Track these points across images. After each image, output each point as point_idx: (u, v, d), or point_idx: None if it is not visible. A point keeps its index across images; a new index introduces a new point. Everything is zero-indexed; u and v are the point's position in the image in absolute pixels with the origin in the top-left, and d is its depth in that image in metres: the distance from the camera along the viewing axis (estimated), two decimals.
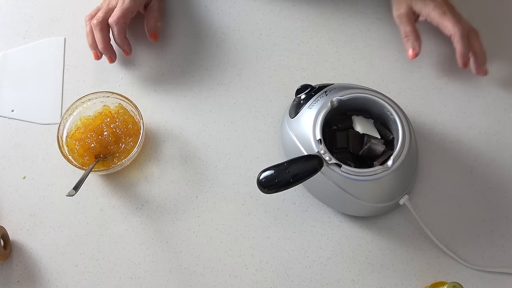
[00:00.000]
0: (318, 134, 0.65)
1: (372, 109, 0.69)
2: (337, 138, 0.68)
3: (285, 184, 0.61)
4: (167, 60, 0.81)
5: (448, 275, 0.68)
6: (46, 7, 0.85)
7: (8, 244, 0.70)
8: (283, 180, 0.60)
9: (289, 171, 0.61)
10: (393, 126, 0.68)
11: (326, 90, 0.69)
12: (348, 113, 0.70)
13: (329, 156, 0.63)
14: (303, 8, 0.83)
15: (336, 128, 0.69)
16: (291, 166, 0.61)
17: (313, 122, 0.66)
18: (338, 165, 0.63)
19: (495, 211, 0.71)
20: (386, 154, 0.67)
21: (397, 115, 0.66)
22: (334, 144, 0.68)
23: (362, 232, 0.70)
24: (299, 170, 0.61)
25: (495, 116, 0.76)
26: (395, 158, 0.64)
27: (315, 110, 0.66)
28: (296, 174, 0.61)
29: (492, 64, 0.78)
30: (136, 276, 0.69)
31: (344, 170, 0.63)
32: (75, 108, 0.74)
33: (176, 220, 0.72)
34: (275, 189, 0.61)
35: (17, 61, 0.82)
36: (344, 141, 0.68)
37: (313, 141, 0.65)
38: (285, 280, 0.68)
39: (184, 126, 0.77)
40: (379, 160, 0.66)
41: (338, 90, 0.68)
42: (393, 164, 0.64)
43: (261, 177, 0.61)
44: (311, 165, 0.62)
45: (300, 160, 0.62)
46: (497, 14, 0.82)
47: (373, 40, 0.80)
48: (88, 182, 0.73)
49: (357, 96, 0.68)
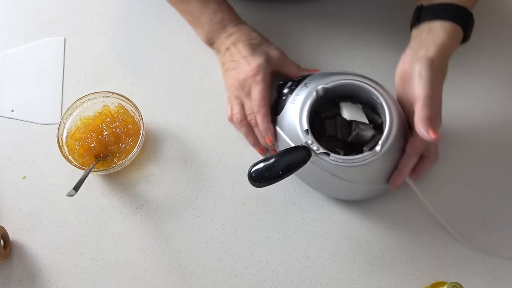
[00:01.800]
0: (305, 125, 0.64)
1: (360, 94, 0.68)
2: (326, 126, 0.67)
3: (275, 176, 0.61)
4: (167, 60, 0.81)
5: (448, 275, 0.68)
6: (46, 7, 0.85)
7: (8, 244, 0.70)
8: (273, 173, 0.61)
9: (278, 164, 0.61)
10: (381, 110, 0.67)
11: (306, 82, 0.68)
12: (336, 100, 0.69)
13: (317, 145, 0.63)
14: (303, 8, 0.83)
15: (324, 116, 0.68)
16: (280, 159, 0.61)
17: (299, 113, 0.65)
18: (327, 154, 0.63)
19: (495, 211, 0.71)
20: (375, 138, 0.66)
21: (383, 99, 0.65)
22: (323, 132, 0.67)
23: (362, 232, 0.70)
24: (288, 162, 0.61)
25: (495, 116, 0.76)
26: (383, 143, 0.64)
27: (299, 102, 0.66)
28: (285, 166, 0.61)
29: (492, 63, 0.78)
30: (136, 276, 0.69)
31: (332, 158, 0.63)
32: (75, 108, 0.74)
33: (176, 220, 0.72)
34: (266, 182, 0.61)
35: (17, 61, 0.82)
36: (333, 129, 0.67)
37: (300, 132, 0.64)
38: (285, 280, 0.68)
39: (184, 126, 0.77)
40: (368, 145, 0.66)
41: (318, 79, 0.67)
42: (382, 148, 0.63)
43: (251, 171, 0.61)
44: (300, 156, 0.62)
45: (289, 152, 0.62)
46: (499, 13, 0.82)
47: (373, 40, 0.80)
48: (88, 182, 0.73)
49: (342, 82, 0.67)
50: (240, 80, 0.70)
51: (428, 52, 0.62)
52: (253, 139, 0.73)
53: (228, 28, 0.74)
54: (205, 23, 0.74)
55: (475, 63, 0.79)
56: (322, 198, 0.72)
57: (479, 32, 0.81)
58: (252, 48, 0.72)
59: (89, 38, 0.83)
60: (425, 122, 0.59)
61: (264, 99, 0.69)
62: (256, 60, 0.70)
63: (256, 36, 0.74)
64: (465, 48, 0.80)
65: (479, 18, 0.81)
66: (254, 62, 0.70)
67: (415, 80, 0.61)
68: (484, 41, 0.80)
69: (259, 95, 0.69)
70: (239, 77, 0.71)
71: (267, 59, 0.71)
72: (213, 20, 0.73)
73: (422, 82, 0.60)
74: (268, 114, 0.69)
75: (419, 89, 0.60)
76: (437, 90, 0.61)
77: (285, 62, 0.74)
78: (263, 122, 0.69)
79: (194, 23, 0.76)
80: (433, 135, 0.59)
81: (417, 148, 0.65)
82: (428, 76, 0.60)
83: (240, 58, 0.71)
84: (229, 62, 0.72)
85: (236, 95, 0.72)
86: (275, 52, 0.73)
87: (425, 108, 0.60)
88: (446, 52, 0.63)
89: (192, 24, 0.76)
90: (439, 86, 0.62)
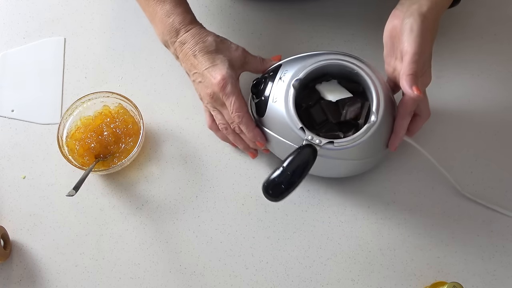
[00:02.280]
0: (298, 123, 0.63)
1: (331, 71, 0.68)
2: (313, 114, 0.66)
3: (292, 183, 0.59)
4: (167, 60, 0.81)
5: (448, 275, 0.68)
6: (46, 7, 0.85)
7: (8, 244, 0.70)
8: (289, 181, 0.59)
9: (289, 171, 0.60)
10: (360, 78, 0.66)
11: (280, 75, 0.66)
12: (310, 85, 0.68)
13: (318, 139, 0.63)
14: (303, 8, 0.83)
15: (307, 106, 0.67)
16: (290, 165, 0.60)
17: (286, 112, 0.64)
18: (331, 143, 0.63)
19: (494, 211, 0.71)
20: (365, 106, 0.66)
21: (359, 68, 0.65)
22: (313, 122, 0.66)
23: (362, 232, 0.70)
24: (298, 165, 0.60)
25: (495, 116, 0.76)
26: (377, 110, 0.64)
27: (282, 100, 0.65)
28: (297, 170, 0.60)
29: (492, 63, 0.78)
30: (136, 276, 0.69)
31: (337, 144, 0.63)
32: (75, 108, 0.74)
33: (176, 220, 0.72)
34: (285, 192, 0.60)
35: (17, 61, 0.82)
36: (321, 114, 0.66)
37: (296, 131, 0.64)
38: (285, 280, 0.68)
39: (184, 126, 0.77)
40: (362, 116, 0.66)
41: (290, 69, 0.66)
42: (377, 116, 0.63)
43: (267, 189, 0.59)
44: (307, 155, 0.61)
45: (295, 156, 0.61)
46: (499, 13, 0.82)
47: (373, 40, 0.80)
48: (88, 182, 0.73)
49: (314, 67, 0.66)
50: (210, 93, 0.67)
51: (421, 7, 0.61)
52: (242, 144, 0.72)
53: (181, 33, 0.68)
54: (158, 23, 0.70)
55: (475, 63, 0.79)
56: (322, 198, 0.72)
57: (479, 32, 0.81)
58: (211, 57, 0.67)
59: (89, 38, 0.83)
60: (409, 78, 0.59)
61: (241, 108, 0.66)
62: (219, 71, 0.66)
63: (211, 41, 0.68)
64: (465, 48, 0.80)
65: (479, 18, 0.81)
66: (218, 74, 0.66)
67: (405, 35, 0.60)
68: (484, 41, 0.80)
69: (235, 106, 0.66)
70: (207, 91, 0.67)
71: (230, 65, 0.67)
72: (166, 22, 0.69)
73: (412, 37, 0.60)
74: (250, 121, 0.67)
75: (408, 44, 0.60)
76: (427, 47, 0.61)
77: (248, 59, 0.70)
78: (248, 131, 0.67)
79: (151, 21, 0.72)
80: (416, 91, 0.59)
81: (409, 107, 0.64)
82: (419, 31, 0.60)
83: (203, 70, 0.67)
84: (193, 74, 0.69)
85: (212, 106, 0.70)
86: (236, 54, 0.69)
87: (412, 64, 0.59)
88: (439, 9, 0.63)
89: (150, 21, 0.73)
90: (429, 43, 0.61)
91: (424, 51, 0.61)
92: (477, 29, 0.81)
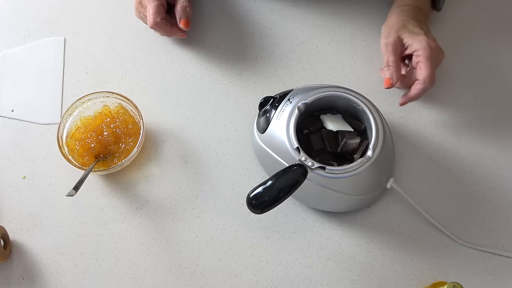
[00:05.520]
0: (295, 143, 0.64)
1: (338, 104, 0.70)
2: (312, 141, 0.68)
3: (277, 199, 0.59)
4: (167, 60, 0.81)
5: (448, 275, 0.68)
6: (46, 7, 0.85)
7: (8, 244, 0.70)
8: (274, 196, 0.59)
9: (276, 186, 0.60)
10: (363, 116, 0.68)
11: (289, 97, 0.68)
12: (315, 114, 0.70)
13: (311, 161, 0.63)
14: (303, 8, 0.83)
15: (308, 131, 0.69)
16: (277, 180, 0.60)
17: (286, 131, 0.65)
18: (322, 168, 0.63)
19: (495, 211, 0.71)
20: (363, 144, 0.67)
21: (364, 105, 0.67)
22: (310, 147, 0.68)
23: (362, 232, 0.70)
24: (286, 183, 0.60)
25: (495, 116, 0.76)
26: (374, 147, 0.64)
27: (284, 119, 0.66)
28: (284, 186, 0.60)
29: (492, 63, 0.78)
30: (136, 276, 0.69)
31: (328, 171, 0.63)
32: (75, 108, 0.74)
33: (176, 220, 0.72)
34: (268, 206, 0.59)
35: (17, 61, 0.82)
36: (320, 142, 0.68)
37: (291, 150, 0.64)
38: (285, 280, 0.68)
39: (184, 126, 0.77)
40: (358, 152, 0.67)
41: (300, 94, 0.68)
42: (373, 153, 0.64)
43: (251, 198, 0.59)
44: (297, 175, 0.61)
45: (285, 172, 0.61)
46: (499, 13, 0.82)
47: (373, 40, 0.80)
48: (88, 182, 0.73)
49: (322, 95, 0.67)
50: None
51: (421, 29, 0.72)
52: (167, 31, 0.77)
53: None
54: None
55: (475, 63, 0.79)
56: None
57: (479, 31, 0.81)
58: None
59: (89, 38, 0.83)
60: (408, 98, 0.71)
61: (157, 12, 0.74)
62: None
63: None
64: (465, 48, 0.80)
65: (479, 19, 0.81)
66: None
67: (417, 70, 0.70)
68: (484, 41, 0.80)
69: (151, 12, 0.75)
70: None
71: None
72: None
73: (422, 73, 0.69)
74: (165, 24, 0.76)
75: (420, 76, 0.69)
76: (434, 68, 0.70)
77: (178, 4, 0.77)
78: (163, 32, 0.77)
79: None
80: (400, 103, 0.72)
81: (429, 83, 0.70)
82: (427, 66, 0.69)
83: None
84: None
85: (137, 11, 0.79)
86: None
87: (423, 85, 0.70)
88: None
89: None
90: (435, 64, 0.71)
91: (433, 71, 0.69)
92: (477, 28, 0.81)
